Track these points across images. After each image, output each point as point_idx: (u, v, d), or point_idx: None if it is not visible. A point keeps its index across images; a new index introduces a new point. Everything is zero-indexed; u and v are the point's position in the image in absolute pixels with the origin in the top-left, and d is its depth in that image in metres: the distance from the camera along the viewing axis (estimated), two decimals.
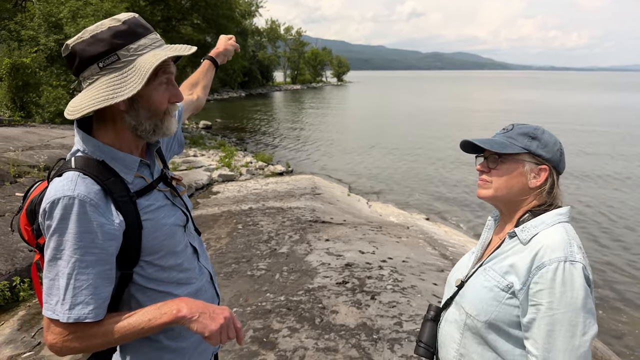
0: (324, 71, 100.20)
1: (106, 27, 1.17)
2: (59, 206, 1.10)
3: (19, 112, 13.62)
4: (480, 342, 1.30)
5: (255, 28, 61.97)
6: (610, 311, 6.14)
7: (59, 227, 1.10)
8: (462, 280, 1.41)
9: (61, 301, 1.10)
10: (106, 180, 1.18)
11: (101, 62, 1.16)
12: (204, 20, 28.32)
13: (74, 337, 1.12)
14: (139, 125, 1.25)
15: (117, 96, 1.15)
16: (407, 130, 24.38)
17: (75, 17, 16.29)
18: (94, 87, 1.17)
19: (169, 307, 1.16)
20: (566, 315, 1.14)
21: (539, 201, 1.33)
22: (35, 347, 3.59)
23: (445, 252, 6.36)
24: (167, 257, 1.31)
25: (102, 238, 1.13)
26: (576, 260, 1.17)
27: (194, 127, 23.36)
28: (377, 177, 13.83)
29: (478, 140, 1.37)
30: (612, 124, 26.65)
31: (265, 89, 65.68)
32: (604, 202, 11.15)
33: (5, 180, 7.27)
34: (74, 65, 1.19)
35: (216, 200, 9.02)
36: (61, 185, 1.13)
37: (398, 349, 3.36)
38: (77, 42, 1.17)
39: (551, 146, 1.32)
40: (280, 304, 4.15)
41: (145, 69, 1.17)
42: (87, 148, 1.22)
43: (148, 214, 1.26)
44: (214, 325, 1.15)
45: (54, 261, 1.11)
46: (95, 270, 1.13)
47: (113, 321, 1.15)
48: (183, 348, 1.37)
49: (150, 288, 1.29)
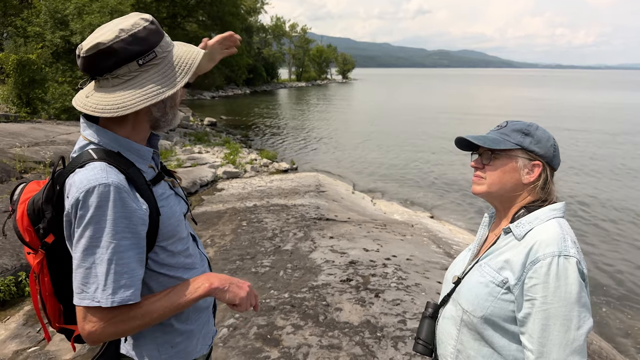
0: (329, 68, 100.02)
1: (142, 27, 1.21)
2: (94, 194, 1.12)
3: (25, 108, 13.67)
4: (476, 338, 1.31)
5: (260, 25, 61.91)
6: (614, 310, 6.11)
7: (96, 215, 1.12)
8: (459, 277, 1.42)
9: (102, 287, 1.12)
10: (128, 169, 1.22)
11: (141, 60, 1.20)
12: (209, 17, 28.35)
13: (114, 322, 1.15)
14: (163, 116, 1.32)
15: (165, 90, 1.22)
16: (412, 128, 24.32)
17: (81, 14, 16.36)
18: (136, 84, 1.21)
19: (200, 281, 1.25)
20: (560, 310, 1.14)
21: (534, 197, 1.34)
22: (41, 341, 3.61)
23: (450, 250, 6.35)
24: (177, 243, 1.36)
25: (136, 223, 1.18)
26: (570, 255, 1.17)
27: (199, 124, 23.37)
28: (382, 175, 13.81)
29: (471, 137, 1.37)
30: (617, 123, 26.49)
31: (270, 86, 65.63)
32: (608, 198, 11.09)
33: (11, 175, 7.31)
34: (109, 63, 1.19)
35: (221, 197, 9.04)
36: (93, 174, 1.15)
37: (402, 347, 3.36)
38: (116, 41, 1.17)
39: (544, 142, 1.32)
40: (285, 301, 4.15)
41: (188, 64, 1.27)
42: (102, 140, 1.24)
43: (162, 201, 1.31)
44: (242, 292, 1.28)
45: (91, 249, 1.12)
46: (132, 253, 1.17)
47: (149, 302, 1.20)
48: (192, 330, 1.42)
49: (161, 273, 1.33)
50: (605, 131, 22.93)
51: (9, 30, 18.36)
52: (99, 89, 1.23)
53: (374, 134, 22.06)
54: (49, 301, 1.34)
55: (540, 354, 1.16)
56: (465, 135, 1.39)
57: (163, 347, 1.36)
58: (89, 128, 1.26)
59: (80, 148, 1.26)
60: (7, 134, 10.02)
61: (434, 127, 24.92)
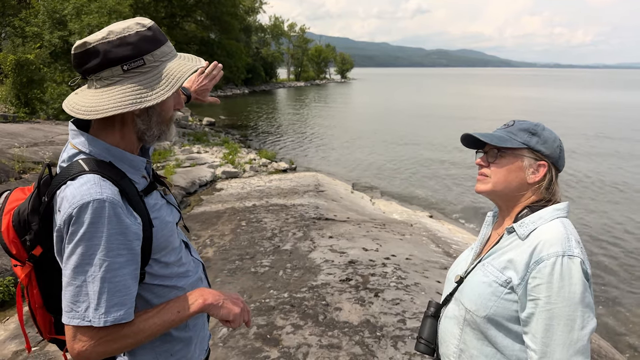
0: (327, 68, 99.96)
1: (134, 31, 1.17)
2: (89, 210, 1.08)
3: (23, 108, 13.65)
4: (479, 338, 1.31)
5: (259, 25, 61.85)
6: (613, 309, 6.12)
7: (89, 231, 1.08)
8: (461, 276, 1.42)
9: (94, 306, 1.08)
10: (120, 181, 1.17)
11: (126, 65, 1.15)
12: (207, 17, 28.35)
13: (105, 341, 1.10)
14: (147, 130, 1.26)
15: (143, 101, 1.16)
16: (411, 128, 24.32)
17: (79, 14, 16.34)
18: (116, 90, 1.15)
19: (194, 297, 1.23)
20: (564, 310, 1.14)
21: (537, 197, 1.33)
22: (40, 342, 3.60)
23: (449, 249, 6.35)
24: (171, 254, 1.33)
25: (131, 239, 1.14)
26: (574, 255, 1.17)
27: (198, 124, 23.36)
28: (381, 175, 13.81)
29: (478, 134, 1.38)
30: (615, 122, 26.53)
31: (269, 86, 65.52)
32: (609, 199, 11.11)
33: (10, 176, 7.30)
34: (92, 64, 1.15)
35: (220, 197, 9.03)
36: (86, 189, 1.10)
37: (401, 346, 3.36)
38: (101, 42, 1.14)
39: (551, 142, 1.32)
40: (284, 300, 4.16)
41: (175, 78, 1.19)
42: (93, 150, 1.19)
43: (155, 212, 1.27)
44: (236, 308, 1.26)
45: (82, 267, 1.08)
46: (127, 270, 1.13)
47: (142, 319, 1.16)
48: (190, 337, 1.41)
49: (156, 284, 1.30)
50: (602, 131, 22.96)
51: (7, 31, 18.34)
52: (86, 90, 1.21)
53: (373, 134, 22.06)
54: (39, 313, 1.30)
55: (543, 354, 1.16)
56: (472, 132, 1.39)
57: (162, 355, 1.34)
58: (78, 136, 1.21)
59: (69, 158, 1.20)
60: (6, 134, 10.01)
61: (432, 126, 24.94)
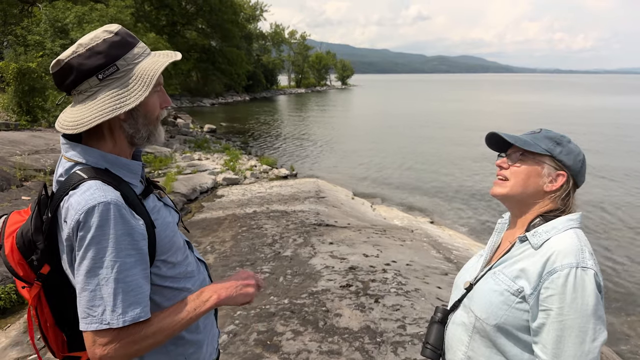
0: (328, 75, 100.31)
1: (101, 40, 1.18)
2: (95, 214, 1.09)
3: (25, 116, 13.71)
4: (488, 345, 1.30)
5: (259, 32, 62.20)
6: (615, 314, 6.10)
7: (97, 235, 1.09)
8: (471, 283, 1.41)
9: (111, 308, 1.09)
10: (119, 185, 1.19)
11: (100, 74, 1.17)
12: (208, 25, 28.51)
13: (126, 343, 1.11)
14: (136, 133, 1.27)
15: (123, 105, 1.17)
16: (411, 134, 24.36)
17: (81, 23, 16.47)
18: (96, 100, 1.18)
19: (207, 294, 1.26)
20: (576, 322, 1.14)
21: (552, 206, 1.33)
22: (41, 349, 3.61)
23: (450, 255, 6.35)
24: (177, 253, 1.34)
25: (137, 239, 1.15)
26: (588, 267, 1.17)
27: (199, 131, 23.43)
28: (382, 181, 13.82)
29: (505, 134, 1.38)
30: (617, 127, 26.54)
31: (270, 93, 65.72)
32: (613, 203, 11.10)
33: (11, 183, 7.33)
34: (69, 80, 1.18)
35: (221, 203, 9.05)
36: (90, 194, 1.11)
37: (401, 352, 3.36)
38: (72, 57, 1.16)
39: (574, 155, 1.33)
40: (284, 307, 4.16)
41: (149, 77, 1.21)
42: (89, 159, 1.21)
43: (155, 214, 1.28)
44: (249, 289, 1.34)
45: (94, 271, 1.09)
46: (138, 270, 1.15)
47: (159, 319, 1.17)
48: (201, 340, 1.42)
49: (166, 286, 1.30)
50: (606, 134, 22.97)
51: (9, 39, 18.44)
52: (72, 106, 1.23)
53: (374, 140, 22.09)
54: (51, 332, 1.30)
55: None
56: (499, 131, 1.40)
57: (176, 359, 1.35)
58: (72, 149, 1.22)
59: (66, 171, 1.21)
60: (8, 142, 10.05)
61: (433, 133, 24.95)
